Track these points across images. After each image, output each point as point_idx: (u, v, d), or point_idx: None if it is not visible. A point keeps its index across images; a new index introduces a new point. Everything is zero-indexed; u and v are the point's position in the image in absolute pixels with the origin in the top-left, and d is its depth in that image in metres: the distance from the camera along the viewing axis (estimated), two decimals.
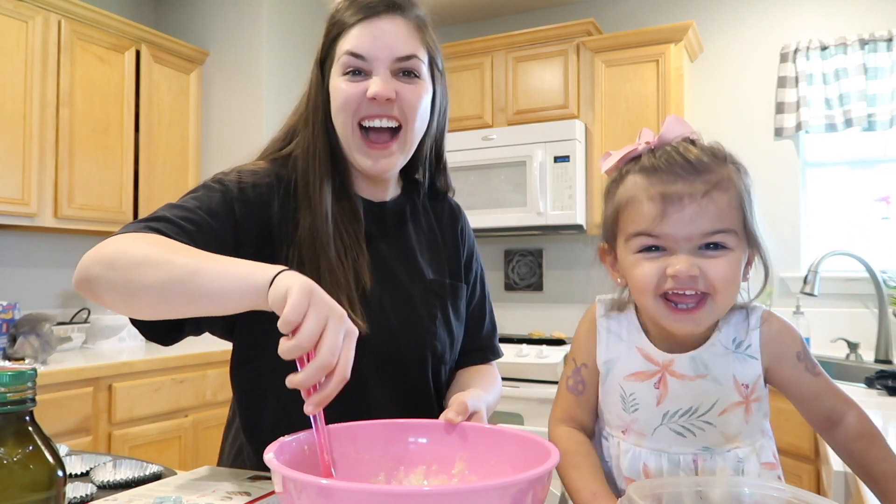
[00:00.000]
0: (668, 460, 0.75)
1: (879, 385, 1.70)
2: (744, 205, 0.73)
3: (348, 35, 0.96)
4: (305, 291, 0.66)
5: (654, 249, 0.72)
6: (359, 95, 0.95)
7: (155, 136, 3.07)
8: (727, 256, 0.70)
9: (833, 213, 2.95)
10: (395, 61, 0.95)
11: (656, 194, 0.71)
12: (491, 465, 0.73)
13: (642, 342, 0.79)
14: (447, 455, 0.76)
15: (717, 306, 0.72)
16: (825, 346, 2.69)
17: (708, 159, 0.73)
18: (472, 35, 3.53)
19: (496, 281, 3.47)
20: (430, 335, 1.04)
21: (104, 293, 0.81)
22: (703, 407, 0.75)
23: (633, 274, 0.73)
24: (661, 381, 0.76)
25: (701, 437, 0.75)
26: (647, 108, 2.90)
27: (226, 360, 1.08)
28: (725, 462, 0.75)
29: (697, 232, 0.70)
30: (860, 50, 2.79)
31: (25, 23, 2.57)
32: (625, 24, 3.27)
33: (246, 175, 0.98)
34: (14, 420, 0.53)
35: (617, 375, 0.79)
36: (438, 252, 1.13)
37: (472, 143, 3.08)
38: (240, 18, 3.31)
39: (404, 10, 0.98)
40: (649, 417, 0.76)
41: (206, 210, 0.91)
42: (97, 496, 0.84)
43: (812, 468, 1.92)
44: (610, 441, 0.80)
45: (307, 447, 0.71)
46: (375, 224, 1.06)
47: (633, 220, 0.73)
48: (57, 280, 3.04)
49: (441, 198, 1.18)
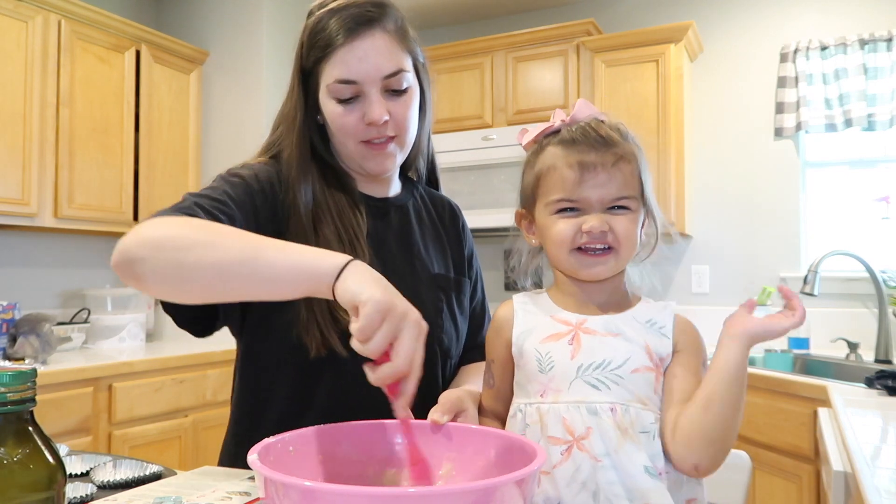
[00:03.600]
0: (587, 409, 0.79)
1: (879, 385, 1.70)
2: (642, 175, 0.84)
3: (333, 60, 0.97)
4: (380, 309, 0.68)
5: (571, 210, 0.83)
6: (356, 122, 0.99)
7: (155, 136, 3.07)
8: (629, 216, 0.83)
9: (833, 213, 2.95)
10: (384, 79, 0.98)
11: (574, 162, 0.82)
12: (478, 466, 0.73)
13: (556, 311, 0.87)
14: (434, 456, 0.76)
15: (620, 257, 0.84)
16: (825, 346, 2.69)
17: (616, 136, 0.84)
18: (472, 35, 3.53)
19: (496, 281, 3.47)
20: (436, 328, 1.05)
21: (150, 276, 0.79)
22: (615, 362, 0.80)
23: (552, 231, 0.84)
24: (575, 338, 0.83)
25: (615, 391, 0.79)
26: (647, 108, 2.90)
27: (226, 361, 1.08)
28: (639, 417, 0.78)
29: (608, 196, 0.82)
30: (860, 50, 2.79)
31: (25, 23, 2.57)
32: (625, 24, 3.27)
33: (259, 170, 1.01)
34: (14, 420, 0.53)
35: (533, 342, 0.85)
36: (443, 247, 1.15)
37: (472, 143, 3.08)
38: (240, 18, 3.31)
39: (383, 21, 0.99)
40: (564, 372, 0.81)
41: (235, 202, 0.93)
42: (97, 496, 0.84)
43: (812, 468, 1.92)
44: (528, 410, 0.83)
45: (293, 448, 0.71)
46: (380, 219, 1.08)
47: (553, 185, 0.84)
48: (57, 280, 3.04)
49: (439, 197, 1.21)
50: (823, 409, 1.70)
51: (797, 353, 2.65)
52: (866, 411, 1.50)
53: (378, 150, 1.01)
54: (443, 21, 3.67)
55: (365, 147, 1.01)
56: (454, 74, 3.23)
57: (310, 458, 0.72)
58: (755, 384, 2.13)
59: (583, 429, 0.78)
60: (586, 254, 0.83)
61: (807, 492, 1.93)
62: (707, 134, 3.15)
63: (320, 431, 0.74)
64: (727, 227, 3.09)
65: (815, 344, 2.70)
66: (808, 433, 1.94)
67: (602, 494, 0.75)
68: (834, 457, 1.24)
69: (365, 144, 1.01)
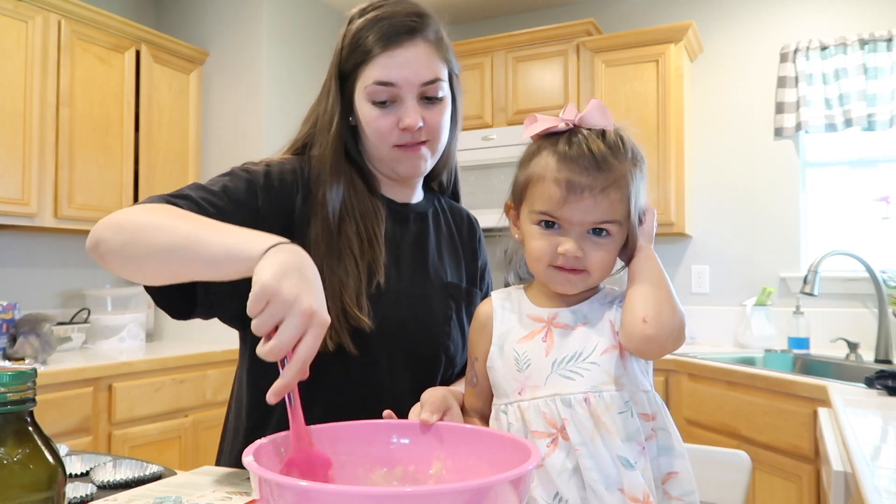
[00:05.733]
0: (561, 401, 0.81)
1: (879, 385, 1.70)
2: (630, 200, 0.84)
3: (374, 63, 1.00)
4: (264, 292, 0.68)
5: (551, 226, 0.85)
6: (391, 126, 1.01)
7: (155, 136, 3.07)
8: (608, 243, 0.85)
9: (833, 213, 2.95)
10: (421, 86, 1.00)
11: (563, 180, 0.82)
12: (470, 466, 0.73)
13: (531, 309, 0.90)
14: (425, 455, 0.76)
15: (592, 278, 0.86)
16: (825, 346, 2.69)
17: (611, 157, 0.83)
18: (472, 35, 3.53)
19: (496, 281, 3.46)
20: (444, 335, 1.07)
21: (111, 257, 0.84)
22: (586, 351, 0.83)
23: (532, 245, 0.87)
24: (548, 335, 0.86)
25: (588, 377, 0.82)
26: (647, 108, 2.90)
27: (226, 360, 1.08)
28: (613, 400, 0.81)
29: (589, 220, 0.83)
30: (860, 50, 2.79)
31: (25, 23, 2.57)
32: (625, 24, 3.27)
33: (274, 166, 1.03)
34: (14, 420, 0.53)
35: (511, 342, 0.88)
36: (458, 256, 1.18)
37: (472, 143, 3.08)
38: (240, 18, 3.31)
39: (424, 31, 1.02)
40: (540, 369, 0.84)
41: (230, 195, 0.96)
42: (97, 496, 0.85)
43: (812, 468, 1.92)
44: (510, 409, 0.86)
45: (284, 449, 0.70)
46: (399, 223, 1.10)
47: (538, 198, 0.85)
48: (57, 280, 3.04)
49: (458, 208, 1.24)
50: (823, 409, 1.70)
51: (797, 353, 2.65)
52: (866, 411, 1.50)
53: (411, 152, 1.03)
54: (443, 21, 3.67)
55: (398, 150, 1.03)
56: None
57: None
58: (755, 384, 2.13)
59: (560, 421, 0.81)
60: (560, 270, 0.85)
61: (807, 492, 1.93)
62: (707, 134, 3.15)
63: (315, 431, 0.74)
64: (727, 227, 3.09)
65: (815, 344, 2.70)
66: (808, 433, 1.94)
67: (586, 480, 0.79)
68: (834, 457, 1.24)
69: (398, 148, 1.03)
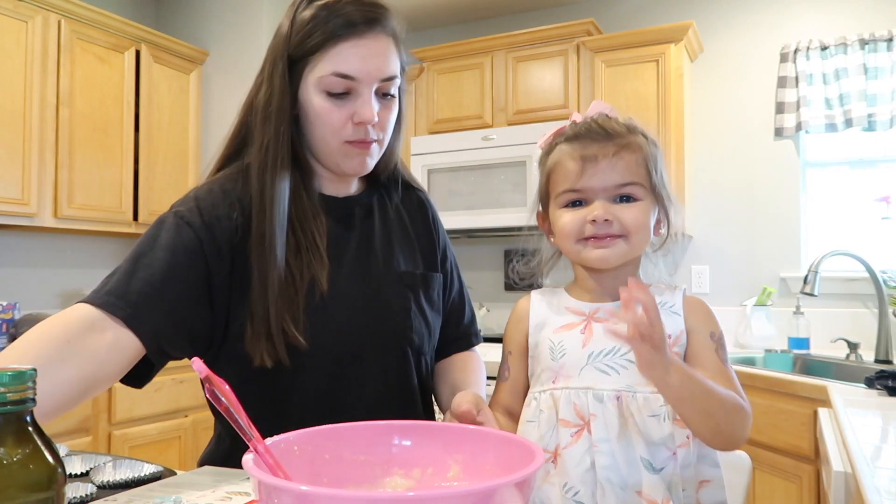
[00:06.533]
0: (593, 396, 0.81)
1: (879, 385, 1.70)
2: (648, 163, 0.85)
3: (332, 53, 0.94)
4: None
5: (578, 204, 0.85)
6: (344, 119, 0.96)
7: (155, 136, 3.07)
8: (637, 205, 0.84)
9: (833, 213, 2.95)
10: (381, 81, 0.97)
11: (578, 156, 0.85)
12: (484, 469, 0.73)
13: (571, 302, 0.90)
14: (440, 457, 0.75)
15: (629, 245, 0.84)
16: (825, 346, 2.69)
17: (620, 128, 0.86)
18: (472, 35, 3.53)
19: (496, 281, 3.47)
20: (406, 328, 1.04)
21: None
22: (625, 346, 0.80)
23: (560, 224, 0.87)
24: (587, 328, 0.86)
25: (624, 374, 0.81)
26: (647, 108, 2.90)
27: None
28: (647, 402, 0.79)
29: (610, 183, 0.83)
30: (860, 50, 2.79)
31: (25, 23, 2.57)
32: (625, 24, 3.27)
33: (206, 209, 0.96)
34: (14, 420, 0.53)
35: (548, 332, 0.88)
36: (410, 243, 1.12)
37: (472, 143, 3.08)
38: (240, 18, 3.31)
39: (384, 23, 0.97)
40: (576, 360, 0.84)
41: (171, 268, 0.90)
42: (97, 496, 0.84)
43: (812, 468, 1.92)
44: (542, 397, 0.86)
45: (297, 447, 0.70)
46: (342, 219, 1.06)
47: (560, 180, 0.87)
48: (57, 280, 3.04)
49: (407, 191, 1.18)
50: (823, 409, 1.70)
51: (797, 353, 2.65)
52: (866, 411, 1.50)
53: (362, 150, 0.99)
54: (443, 21, 3.67)
55: (348, 146, 0.98)
56: (454, 74, 3.23)
57: (312, 460, 0.72)
58: (755, 384, 2.13)
59: (588, 415, 0.81)
60: (592, 241, 0.85)
61: (807, 492, 1.93)
62: (707, 134, 3.15)
63: (321, 432, 0.74)
64: (727, 227, 3.09)
65: (815, 344, 2.70)
66: (808, 433, 1.94)
67: (599, 477, 0.78)
68: (834, 457, 1.23)
69: (349, 144, 0.98)
